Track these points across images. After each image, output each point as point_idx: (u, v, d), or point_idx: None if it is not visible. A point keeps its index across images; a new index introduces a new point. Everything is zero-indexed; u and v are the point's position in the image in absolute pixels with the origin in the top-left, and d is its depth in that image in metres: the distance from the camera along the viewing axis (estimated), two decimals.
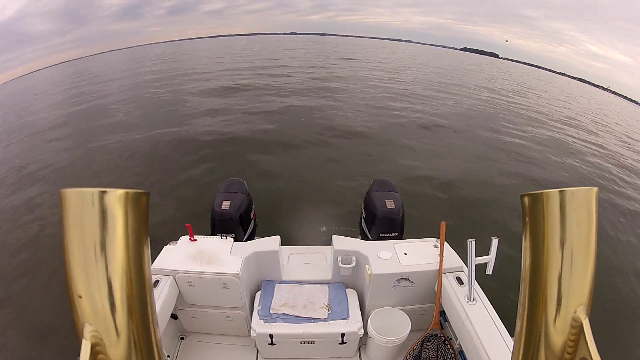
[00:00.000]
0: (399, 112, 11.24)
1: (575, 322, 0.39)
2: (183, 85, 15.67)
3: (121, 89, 16.40)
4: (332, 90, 14.14)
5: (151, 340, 0.39)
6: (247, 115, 9.96)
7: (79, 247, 0.34)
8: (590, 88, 63.33)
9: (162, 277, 1.92)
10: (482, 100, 15.50)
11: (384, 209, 2.55)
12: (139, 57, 43.62)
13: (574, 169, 8.06)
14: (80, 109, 12.41)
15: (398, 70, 25.82)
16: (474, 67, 40.44)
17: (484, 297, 1.78)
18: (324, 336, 1.93)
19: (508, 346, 1.51)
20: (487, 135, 9.67)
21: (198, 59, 33.31)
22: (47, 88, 21.71)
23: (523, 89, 24.47)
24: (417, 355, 1.89)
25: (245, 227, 2.65)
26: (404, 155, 7.40)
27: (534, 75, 49.70)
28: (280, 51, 40.12)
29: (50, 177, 6.47)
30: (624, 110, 30.21)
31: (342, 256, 2.06)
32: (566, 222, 0.38)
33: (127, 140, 8.21)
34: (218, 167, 6.47)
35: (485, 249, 1.74)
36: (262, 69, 20.25)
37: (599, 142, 11.38)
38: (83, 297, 0.34)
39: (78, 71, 31.29)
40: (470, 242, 1.69)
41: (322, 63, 25.47)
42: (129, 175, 6.38)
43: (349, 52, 40.91)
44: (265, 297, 2.07)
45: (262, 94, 12.86)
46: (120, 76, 22.40)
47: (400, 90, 15.62)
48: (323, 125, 9.16)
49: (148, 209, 0.38)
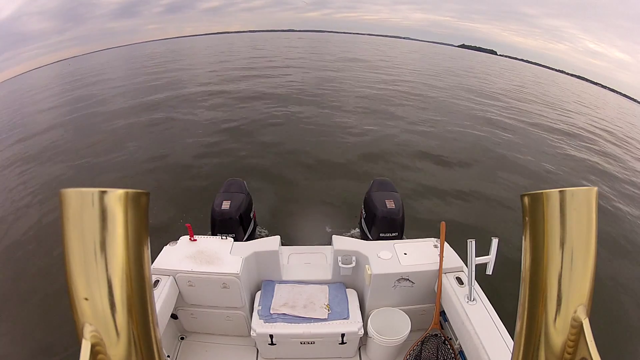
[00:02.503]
0: (399, 112, 11.26)
1: (575, 322, 0.39)
2: (181, 83, 15.68)
3: (115, 88, 16.27)
4: (332, 89, 14.16)
5: (151, 340, 0.39)
6: (248, 116, 9.96)
7: (79, 247, 0.34)
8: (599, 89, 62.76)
9: (162, 277, 1.92)
10: (481, 100, 15.52)
11: (384, 209, 2.55)
12: (133, 55, 43.14)
13: (574, 170, 8.06)
14: (70, 109, 12.37)
15: (399, 66, 25.86)
16: (472, 67, 40.45)
17: (484, 297, 1.78)
18: (324, 336, 1.93)
19: (508, 346, 1.51)
20: (487, 135, 9.68)
21: (195, 56, 33.17)
22: (34, 90, 21.24)
23: (524, 89, 24.47)
24: (417, 355, 1.89)
25: (245, 227, 2.66)
26: (404, 156, 7.40)
27: (532, 73, 49.66)
28: (279, 49, 40.05)
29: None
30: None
31: (342, 256, 2.06)
32: (566, 222, 0.38)
33: (123, 140, 8.22)
34: (218, 167, 6.47)
35: (485, 249, 1.74)
36: (261, 69, 20.24)
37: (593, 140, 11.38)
38: (83, 297, 0.34)
39: (70, 72, 30.53)
40: (470, 242, 1.69)
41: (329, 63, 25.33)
42: (129, 175, 6.39)
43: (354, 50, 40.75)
44: (265, 297, 2.07)
45: (262, 94, 12.86)
46: (113, 76, 22.01)
47: (400, 90, 15.62)
48: (323, 124, 9.17)
49: (148, 209, 0.38)
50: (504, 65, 60.07)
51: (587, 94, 32.63)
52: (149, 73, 20.94)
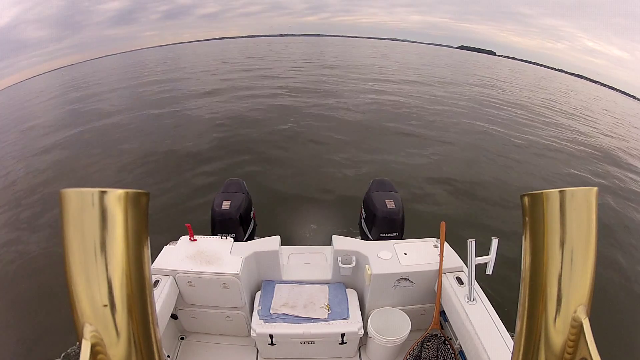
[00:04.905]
0: (399, 112, 11.25)
1: (575, 322, 0.39)
2: (178, 87, 15.61)
3: (113, 95, 16.04)
4: (331, 89, 14.14)
5: (151, 340, 0.39)
6: (248, 115, 9.96)
7: (79, 247, 0.34)
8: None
9: (162, 277, 1.92)
10: (479, 99, 15.50)
11: (384, 209, 2.54)
12: (128, 63, 42.52)
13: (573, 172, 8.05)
14: (71, 110, 12.23)
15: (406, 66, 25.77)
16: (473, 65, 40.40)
17: (484, 297, 1.78)
18: (324, 336, 1.93)
19: (508, 346, 1.51)
20: (488, 134, 9.67)
21: (191, 63, 32.92)
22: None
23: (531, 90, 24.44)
24: (417, 355, 1.89)
25: (245, 227, 2.65)
26: (404, 155, 7.39)
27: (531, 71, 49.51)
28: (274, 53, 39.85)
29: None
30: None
31: (342, 256, 2.06)
32: (566, 222, 0.38)
33: (124, 141, 8.21)
34: (217, 167, 6.47)
35: (485, 249, 1.74)
36: (260, 69, 20.19)
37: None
38: (83, 297, 0.34)
39: (64, 81, 29.25)
40: (470, 242, 1.69)
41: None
42: (128, 175, 6.38)
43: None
44: (265, 297, 2.07)
45: (262, 93, 12.86)
46: (108, 85, 21.29)
47: (400, 88, 15.61)
48: (323, 124, 9.16)
49: (148, 209, 0.38)
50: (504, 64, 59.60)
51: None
52: (147, 79, 20.65)
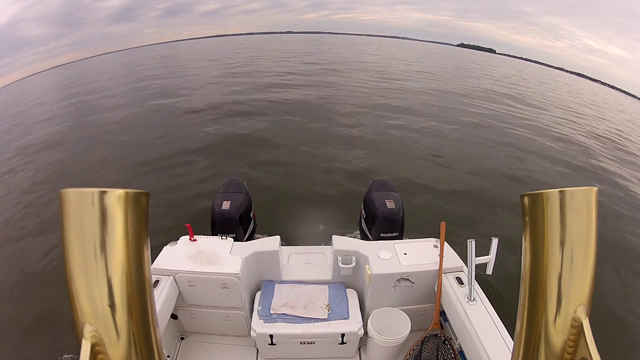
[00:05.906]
0: (399, 111, 11.24)
1: (575, 322, 0.39)
2: (178, 84, 15.59)
3: (116, 92, 16.10)
4: (331, 89, 14.15)
5: (151, 340, 0.39)
6: (247, 115, 9.95)
7: (79, 247, 0.34)
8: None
9: (162, 277, 1.92)
10: (482, 101, 15.50)
11: (384, 209, 2.54)
12: (126, 61, 42.46)
13: (571, 171, 8.05)
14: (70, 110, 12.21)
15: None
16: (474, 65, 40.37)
17: (484, 297, 1.78)
18: (324, 336, 1.93)
19: (508, 346, 1.51)
20: (488, 134, 9.67)
21: (190, 60, 32.73)
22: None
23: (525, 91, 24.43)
24: (417, 355, 1.89)
25: (245, 227, 2.65)
26: (405, 156, 7.40)
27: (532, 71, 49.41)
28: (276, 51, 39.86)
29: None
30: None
31: (342, 256, 2.06)
32: (566, 222, 0.38)
33: (123, 140, 8.21)
34: (217, 168, 6.47)
35: (485, 249, 1.74)
36: (264, 68, 20.19)
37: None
38: (83, 297, 0.34)
39: (59, 80, 29.29)
40: (470, 242, 1.69)
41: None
42: (128, 175, 6.38)
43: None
44: (265, 297, 2.07)
45: (261, 94, 12.85)
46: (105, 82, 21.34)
47: (399, 88, 15.61)
48: (322, 124, 9.16)
49: (148, 209, 0.38)
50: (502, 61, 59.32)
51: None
52: (146, 76, 20.63)
